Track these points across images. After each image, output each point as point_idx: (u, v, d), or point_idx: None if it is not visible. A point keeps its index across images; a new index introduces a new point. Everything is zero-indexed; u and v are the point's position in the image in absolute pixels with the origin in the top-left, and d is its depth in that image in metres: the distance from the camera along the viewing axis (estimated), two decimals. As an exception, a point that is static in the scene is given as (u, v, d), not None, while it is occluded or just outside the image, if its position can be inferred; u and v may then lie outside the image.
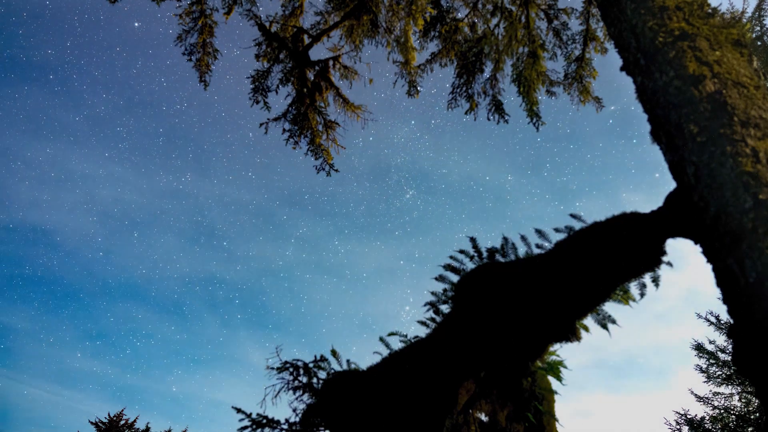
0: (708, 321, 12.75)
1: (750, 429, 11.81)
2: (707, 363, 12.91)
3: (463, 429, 3.34)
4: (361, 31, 6.76)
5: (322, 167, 7.20)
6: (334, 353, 3.44)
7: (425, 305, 3.92)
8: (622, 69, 2.43)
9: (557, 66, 8.24)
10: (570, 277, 2.58)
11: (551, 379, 3.87)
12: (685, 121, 1.80)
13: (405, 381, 2.80)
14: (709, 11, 2.14)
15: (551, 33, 6.82)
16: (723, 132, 1.63)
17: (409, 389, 2.77)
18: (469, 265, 3.81)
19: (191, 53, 6.62)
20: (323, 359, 3.31)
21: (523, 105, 7.16)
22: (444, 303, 3.85)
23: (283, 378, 3.24)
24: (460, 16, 6.89)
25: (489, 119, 7.34)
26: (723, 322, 12.62)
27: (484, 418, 3.49)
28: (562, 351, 4.69)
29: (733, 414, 12.16)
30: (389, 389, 2.80)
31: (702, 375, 12.93)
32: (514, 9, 6.68)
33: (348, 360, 3.41)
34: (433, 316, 3.85)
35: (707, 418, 12.41)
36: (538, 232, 3.41)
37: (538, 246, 3.38)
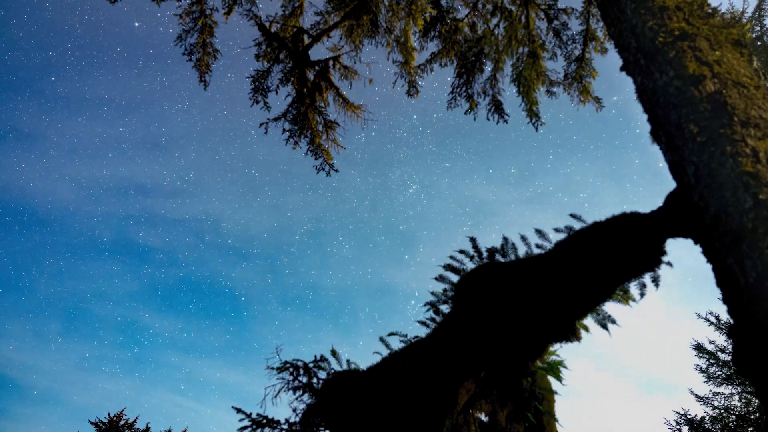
0: (708, 321, 12.77)
1: (750, 429, 11.81)
2: (707, 363, 12.92)
3: (463, 429, 3.34)
4: (361, 31, 6.76)
5: (322, 167, 7.20)
6: (334, 353, 3.44)
7: (425, 305, 3.92)
8: (622, 69, 2.43)
9: (557, 66, 8.23)
10: (570, 277, 2.58)
11: (551, 379, 3.88)
12: (685, 121, 1.80)
13: (405, 381, 2.80)
14: (709, 11, 2.14)
15: (551, 33, 6.82)
16: (723, 132, 1.63)
17: (409, 389, 2.77)
18: (469, 265, 3.81)
19: (191, 53, 6.62)
20: (323, 359, 3.31)
21: (523, 105, 7.17)
22: (444, 303, 3.85)
23: (283, 378, 3.24)
24: (460, 16, 6.89)
25: (489, 119, 7.35)
26: (723, 322, 12.63)
27: (484, 418, 3.49)
28: (562, 351, 4.68)
29: (733, 414, 12.16)
30: (389, 389, 2.80)
31: (702, 375, 12.94)
32: (514, 9, 6.68)
33: (348, 360, 3.41)
34: (433, 316, 3.85)
35: (707, 418, 12.41)
36: (538, 232, 3.41)
37: (538, 246, 3.38)
